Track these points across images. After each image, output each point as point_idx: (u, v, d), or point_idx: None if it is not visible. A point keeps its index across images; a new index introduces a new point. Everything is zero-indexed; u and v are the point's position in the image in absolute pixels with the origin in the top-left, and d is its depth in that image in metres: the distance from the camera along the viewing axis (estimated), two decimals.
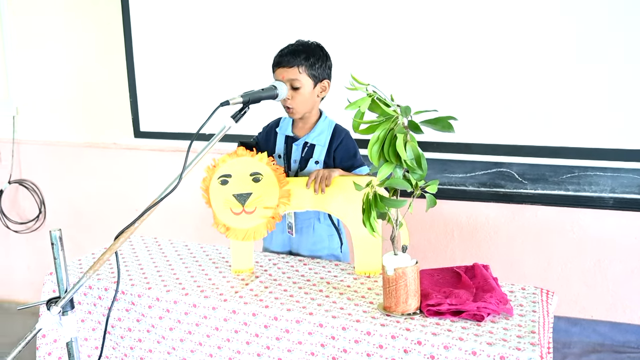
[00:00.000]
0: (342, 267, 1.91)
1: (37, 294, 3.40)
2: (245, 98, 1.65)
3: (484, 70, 2.42)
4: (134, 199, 3.28)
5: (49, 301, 1.46)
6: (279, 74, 1.92)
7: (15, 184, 3.58)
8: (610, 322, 2.50)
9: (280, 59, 1.92)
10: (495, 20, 2.38)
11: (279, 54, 1.94)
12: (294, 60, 1.90)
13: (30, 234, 3.62)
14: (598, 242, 2.47)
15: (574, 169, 2.40)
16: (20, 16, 3.39)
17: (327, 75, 1.97)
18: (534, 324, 1.49)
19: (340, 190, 1.84)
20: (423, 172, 1.47)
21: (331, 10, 2.61)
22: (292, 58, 1.90)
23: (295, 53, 1.91)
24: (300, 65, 1.90)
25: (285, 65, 1.90)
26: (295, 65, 1.89)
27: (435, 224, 2.69)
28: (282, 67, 1.91)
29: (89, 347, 1.87)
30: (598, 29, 2.25)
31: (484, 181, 2.55)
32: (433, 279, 1.72)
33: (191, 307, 1.68)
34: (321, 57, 1.95)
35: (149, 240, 2.22)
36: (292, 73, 1.89)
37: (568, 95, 2.33)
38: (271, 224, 1.85)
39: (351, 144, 2.01)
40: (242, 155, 1.83)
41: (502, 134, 2.45)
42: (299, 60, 1.90)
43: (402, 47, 2.53)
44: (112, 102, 3.24)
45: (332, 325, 1.51)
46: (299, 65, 1.90)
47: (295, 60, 1.90)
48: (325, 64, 1.96)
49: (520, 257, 2.59)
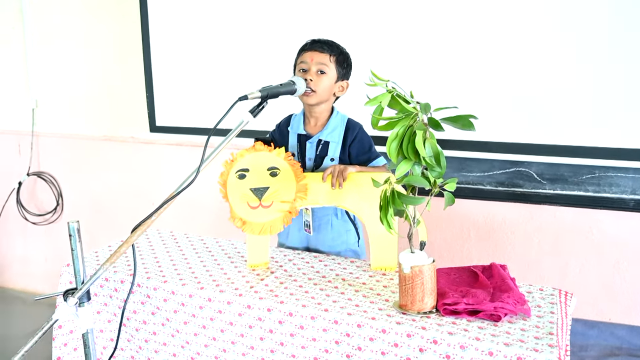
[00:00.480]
0: (358, 264, 1.90)
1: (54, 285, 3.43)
2: (264, 93, 1.64)
3: (504, 67, 2.39)
4: (150, 192, 3.29)
5: (65, 292, 1.47)
6: (308, 56, 1.95)
7: (33, 176, 3.62)
8: (629, 326, 2.46)
9: (314, 44, 1.97)
10: (517, 17, 2.35)
11: (311, 40, 1.99)
12: (328, 48, 1.96)
13: (47, 225, 3.66)
14: (617, 244, 2.44)
15: (595, 170, 2.37)
16: (41, 12, 3.42)
17: (348, 78, 2.02)
18: (552, 325, 1.47)
19: (357, 186, 1.83)
20: (442, 169, 1.46)
21: (349, 6, 2.60)
22: (326, 46, 1.96)
23: (330, 44, 1.98)
24: (332, 54, 1.96)
25: (318, 50, 1.95)
26: (328, 53, 1.95)
27: (452, 222, 2.67)
28: (315, 50, 1.95)
29: (104, 338, 1.88)
30: (620, 28, 2.21)
31: (501, 180, 2.52)
32: (450, 277, 1.71)
33: (206, 302, 1.68)
34: (348, 59, 2.01)
35: (165, 233, 2.23)
36: (322, 58, 1.94)
37: (589, 93, 2.29)
38: (288, 219, 1.85)
39: (366, 138, 2.02)
40: (260, 150, 1.83)
41: (521, 133, 2.42)
42: (332, 50, 1.96)
43: (421, 44, 2.50)
44: (130, 96, 3.26)
45: (347, 323, 1.51)
46: (330, 54, 1.95)
47: (329, 48, 1.96)
48: (349, 67, 2.02)
49: (537, 258, 2.56)
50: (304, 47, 1.99)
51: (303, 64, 1.95)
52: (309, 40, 2.00)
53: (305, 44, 2.00)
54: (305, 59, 1.95)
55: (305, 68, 1.94)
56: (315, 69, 1.93)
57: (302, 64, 1.95)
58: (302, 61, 1.95)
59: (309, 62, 1.93)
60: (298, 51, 2.01)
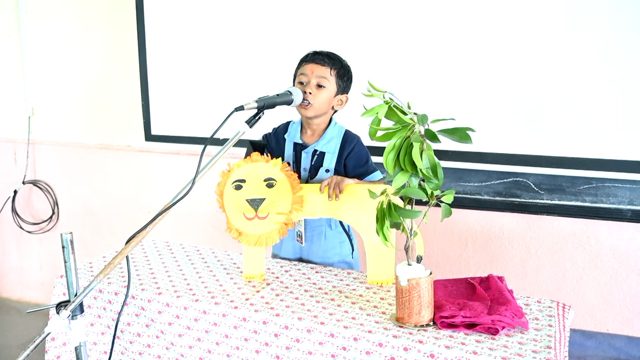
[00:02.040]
0: (355, 275, 1.89)
1: (49, 294, 3.41)
2: (260, 103, 1.63)
3: (502, 78, 2.39)
4: (146, 201, 3.28)
5: (58, 305, 1.45)
6: (308, 68, 1.92)
7: (29, 184, 3.60)
8: (627, 337, 2.45)
9: (315, 56, 1.95)
10: (514, 29, 2.35)
11: (313, 52, 1.97)
12: (329, 61, 1.93)
13: (43, 234, 3.64)
14: (614, 254, 2.43)
15: (592, 180, 2.36)
16: (38, 20, 3.41)
17: (347, 92, 2.00)
18: (550, 339, 1.45)
19: (354, 197, 1.82)
20: (439, 181, 1.45)
21: (347, 17, 2.59)
22: (327, 59, 1.94)
23: (331, 57, 1.95)
24: (333, 67, 1.93)
25: (319, 63, 1.93)
26: (329, 66, 1.92)
27: (449, 233, 2.66)
28: (316, 63, 1.93)
29: (97, 351, 1.86)
30: (618, 40, 2.21)
31: (499, 190, 2.51)
32: (447, 290, 1.69)
33: (201, 314, 1.66)
34: (349, 73, 1.99)
35: (161, 244, 2.21)
36: (323, 71, 1.92)
37: (586, 105, 2.29)
38: (283, 230, 1.83)
39: (363, 151, 2.00)
40: (257, 161, 1.81)
41: (519, 144, 2.41)
42: (333, 64, 1.94)
43: (418, 55, 2.50)
44: (125, 105, 3.25)
45: (344, 336, 1.49)
46: (331, 67, 1.93)
47: (330, 62, 1.93)
48: (350, 81, 1.99)
49: (535, 268, 2.55)
50: (304, 58, 1.97)
51: (303, 76, 1.93)
52: (310, 52, 1.97)
53: (306, 55, 1.97)
54: (305, 71, 1.93)
55: (305, 81, 1.92)
56: (315, 82, 1.91)
57: (302, 76, 1.93)
58: (302, 73, 1.93)
59: (309, 75, 1.91)
60: (299, 61, 1.98)
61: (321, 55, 1.94)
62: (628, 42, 2.20)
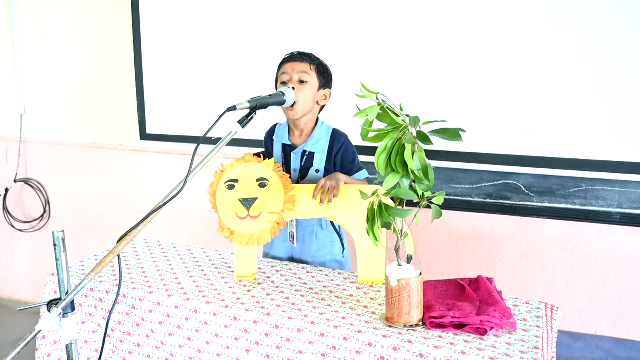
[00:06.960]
0: (345, 275, 1.90)
1: (40, 293, 3.40)
2: (253, 104, 1.64)
3: (493, 79, 2.41)
4: (139, 201, 3.28)
5: (49, 303, 1.46)
6: (289, 67, 1.96)
7: (20, 183, 3.59)
8: (615, 339, 2.47)
9: (292, 55, 1.99)
10: (505, 31, 2.36)
11: (290, 53, 2.01)
12: (307, 58, 1.98)
13: (34, 233, 3.63)
14: (604, 257, 2.45)
15: (582, 183, 2.38)
16: (31, 18, 3.41)
17: (330, 86, 2.03)
18: (538, 339, 1.47)
19: (345, 198, 1.83)
20: (430, 182, 1.46)
21: (339, 18, 2.61)
22: (305, 56, 1.98)
23: (309, 54, 2.00)
24: (312, 63, 1.97)
25: (298, 60, 1.96)
26: (308, 62, 1.96)
27: (440, 234, 2.68)
28: (295, 61, 1.96)
29: (88, 349, 1.86)
30: (609, 43, 2.24)
31: (490, 193, 2.53)
32: (437, 290, 1.71)
33: (192, 313, 1.67)
34: (328, 70, 2.02)
35: (152, 243, 2.21)
36: (303, 67, 1.95)
37: (578, 106, 2.31)
38: (275, 230, 1.84)
39: (350, 149, 2.02)
40: (250, 161, 1.83)
41: (510, 144, 2.43)
42: (312, 60, 1.98)
43: (410, 55, 2.52)
44: (120, 103, 3.25)
45: (334, 335, 1.50)
46: (311, 63, 1.97)
47: (308, 58, 1.98)
48: (330, 77, 2.03)
49: (524, 270, 2.57)
50: (283, 60, 2.01)
51: (284, 75, 1.96)
52: (287, 54, 2.01)
53: (284, 58, 2.01)
54: (286, 70, 1.96)
55: (287, 79, 1.95)
56: (297, 78, 1.93)
57: (284, 75, 1.96)
58: (284, 72, 1.96)
59: (290, 72, 1.94)
60: (278, 65, 2.02)
61: (299, 54, 1.99)
62: (617, 44, 2.23)
